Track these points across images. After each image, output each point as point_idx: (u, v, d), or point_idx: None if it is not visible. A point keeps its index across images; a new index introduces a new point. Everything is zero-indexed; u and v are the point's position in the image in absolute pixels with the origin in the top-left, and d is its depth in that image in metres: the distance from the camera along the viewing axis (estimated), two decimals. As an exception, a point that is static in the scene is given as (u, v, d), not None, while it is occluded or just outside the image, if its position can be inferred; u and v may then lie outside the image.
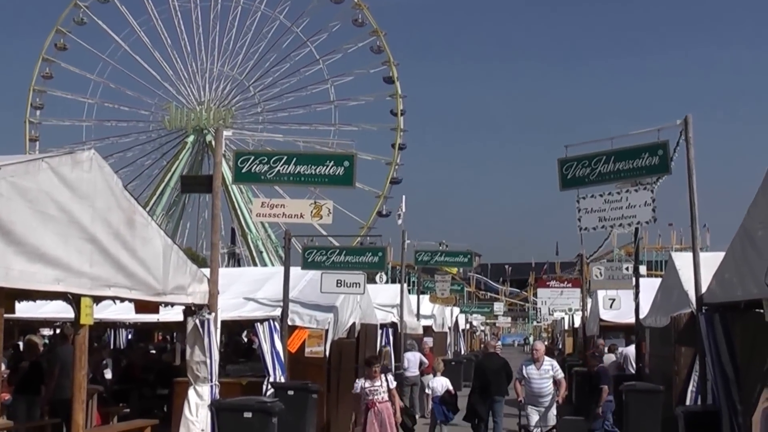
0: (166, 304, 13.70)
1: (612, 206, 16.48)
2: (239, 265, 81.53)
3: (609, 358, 27.82)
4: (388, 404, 16.45)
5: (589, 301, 36.21)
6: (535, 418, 18.61)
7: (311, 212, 17.60)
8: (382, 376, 16.61)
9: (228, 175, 46.41)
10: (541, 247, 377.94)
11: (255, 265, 79.26)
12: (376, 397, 16.32)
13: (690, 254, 15.30)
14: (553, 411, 18.78)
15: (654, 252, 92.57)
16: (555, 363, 19.36)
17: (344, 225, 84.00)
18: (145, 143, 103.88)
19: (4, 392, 14.60)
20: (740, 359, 12.65)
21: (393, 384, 16.80)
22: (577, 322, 41.95)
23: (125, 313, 17.96)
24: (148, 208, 15.74)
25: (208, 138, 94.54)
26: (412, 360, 28.62)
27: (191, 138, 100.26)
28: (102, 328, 26.67)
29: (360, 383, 16.71)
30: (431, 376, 26.39)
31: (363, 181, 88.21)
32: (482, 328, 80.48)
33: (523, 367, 19.06)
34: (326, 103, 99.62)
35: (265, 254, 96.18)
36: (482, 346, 56.92)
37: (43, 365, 17.51)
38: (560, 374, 19.04)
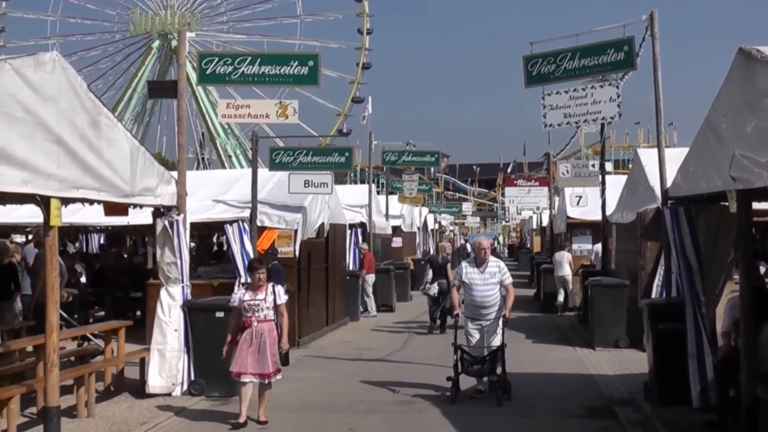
0: (135, 206, 13.68)
1: (577, 102, 16.52)
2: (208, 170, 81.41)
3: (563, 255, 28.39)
4: (272, 325, 12.65)
5: (556, 199, 36.49)
6: (475, 336, 14.61)
7: (277, 112, 17.52)
8: (269, 287, 12.79)
9: (194, 78, 46.05)
10: (509, 148, 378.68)
11: (224, 169, 79.03)
12: (257, 314, 12.51)
13: (656, 150, 15.39)
14: (499, 327, 14.50)
15: (621, 151, 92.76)
16: (503, 265, 14.87)
17: (321, 115, 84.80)
18: (113, 54, 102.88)
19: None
20: (704, 251, 12.89)
21: (282, 298, 12.82)
22: (545, 221, 42.32)
23: (95, 216, 18.02)
24: (116, 114, 15.70)
25: (174, 43, 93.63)
26: None
27: (156, 43, 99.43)
28: (74, 233, 26.74)
29: (238, 295, 12.86)
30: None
31: (334, 68, 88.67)
32: (451, 228, 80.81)
33: (463, 269, 14.83)
34: (293, 17, 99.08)
35: (234, 158, 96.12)
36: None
37: (18, 269, 17.59)
38: (509, 279, 14.72)
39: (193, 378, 14.42)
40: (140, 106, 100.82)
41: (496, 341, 14.40)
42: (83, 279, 22.44)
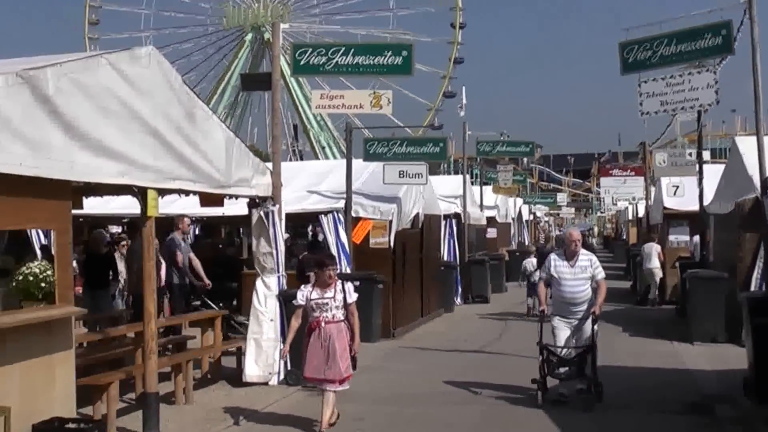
0: (230, 197, 13.81)
1: (674, 89, 16.27)
2: (301, 161, 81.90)
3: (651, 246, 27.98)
4: (342, 326, 11.53)
5: (652, 189, 35.94)
6: (563, 334, 13.58)
7: (371, 102, 17.58)
8: (339, 284, 11.63)
9: (287, 70, 46.38)
10: (603, 137, 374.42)
11: (318, 160, 79.45)
12: (325, 314, 11.44)
13: (754, 138, 15.02)
14: (589, 326, 13.47)
15: (718, 139, 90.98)
16: (594, 258, 13.78)
17: (411, 110, 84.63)
18: (206, 47, 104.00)
19: (76, 285, 14.93)
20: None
21: (353, 297, 11.71)
22: (641, 212, 41.72)
23: (191, 207, 18.26)
24: (209, 106, 15.87)
25: (266, 36, 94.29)
26: None
27: (249, 36, 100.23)
28: (169, 223, 27.09)
29: (305, 292, 11.69)
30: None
31: (426, 63, 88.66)
32: (546, 219, 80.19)
33: (552, 262, 13.79)
34: (385, 10, 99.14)
35: (327, 149, 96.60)
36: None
37: (115, 259, 17.91)
38: (601, 274, 13.64)
39: (289, 368, 14.49)
40: (232, 99, 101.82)
41: (586, 341, 13.41)
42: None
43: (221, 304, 18.70)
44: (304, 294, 11.62)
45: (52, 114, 9.10)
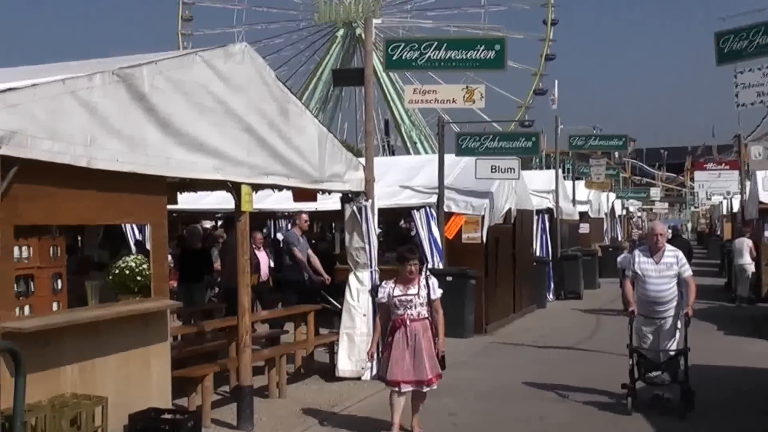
0: (323, 192, 13.89)
1: (772, 80, 15.88)
2: (393, 156, 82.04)
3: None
4: (427, 323, 10.87)
5: (747, 183, 35.23)
6: (649, 335, 12.90)
7: (463, 97, 17.53)
8: (422, 279, 11.02)
9: (379, 66, 46.48)
10: (696, 130, 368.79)
11: (409, 155, 79.52)
12: (409, 311, 10.80)
13: None
14: (678, 327, 12.63)
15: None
16: (681, 255, 12.76)
17: (502, 106, 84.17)
18: (297, 42, 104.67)
19: (171, 279, 15.16)
20: None
21: (437, 293, 11.04)
22: (736, 206, 40.93)
23: (283, 203, 18.42)
24: (302, 102, 16.02)
25: (358, 31, 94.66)
26: None
27: (341, 32, 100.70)
28: (262, 218, 27.35)
29: (387, 289, 11.06)
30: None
31: (517, 60, 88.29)
32: (639, 214, 79.16)
33: (636, 258, 12.93)
34: (477, 7, 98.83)
35: (419, 144, 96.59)
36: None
37: (212, 254, 18.14)
38: (688, 271, 12.68)
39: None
40: (323, 94, 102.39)
41: (675, 344, 12.62)
42: (271, 264, 22.91)
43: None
44: (386, 291, 11.03)
45: (148, 111, 9.26)
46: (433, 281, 11.09)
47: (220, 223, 27.90)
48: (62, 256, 8.86)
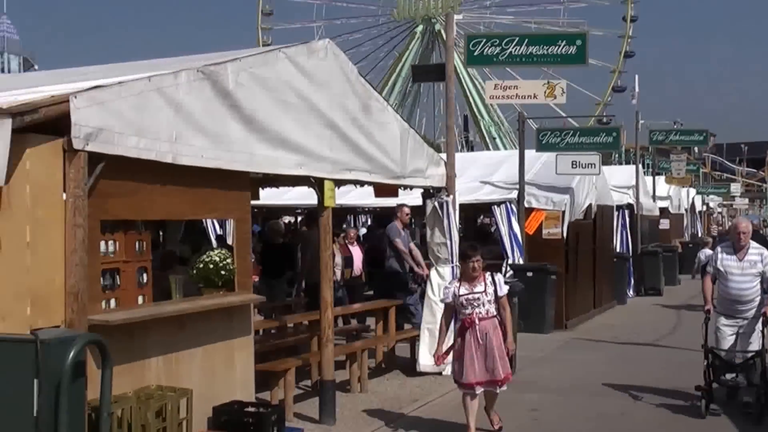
0: (405, 187, 13.92)
1: None
2: (472, 152, 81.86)
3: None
4: (496, 321, 10.58)
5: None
6: (729, 336, 12.34)
7: (544, 92, 17.43)
8: (488, 277, 10.69)
9: (459, 61, 46.39)
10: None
11: (488, 150, 79.30)
12: (477, 309, 10.50)
13: None
14: (759, 328, 12.08)
15: None
16: (766, 252, 12.24)
17: (580, 103, 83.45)
18: (376, 37, 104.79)
19: (253, 274, 15.34)
20: None
21: (504, 289, 10.75)
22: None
23: (364, 198, 18.50)
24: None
25: (437, 27, 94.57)
26: None
27: (420, 28, 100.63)
28: (343, 214, 27.51)
29: (452, 289, 10.75)
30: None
31: (595, 57, 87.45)
32: (719, 210, 77.94)
33: (718, 255, 12.50)
34: (556, 3, 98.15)
35: (498, 140, 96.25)
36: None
37: (293, 249, 18.24)
38: None
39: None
40: (403, 90, 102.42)
41: (755, 346, 12.05)
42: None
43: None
44: (450, 291, 10.69)
45: (232, 108, 9.35)
46: (499, 278, 10.78)
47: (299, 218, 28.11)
48: (147, 251, 8.97)
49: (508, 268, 19.33)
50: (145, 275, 8.84)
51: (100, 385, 6.43)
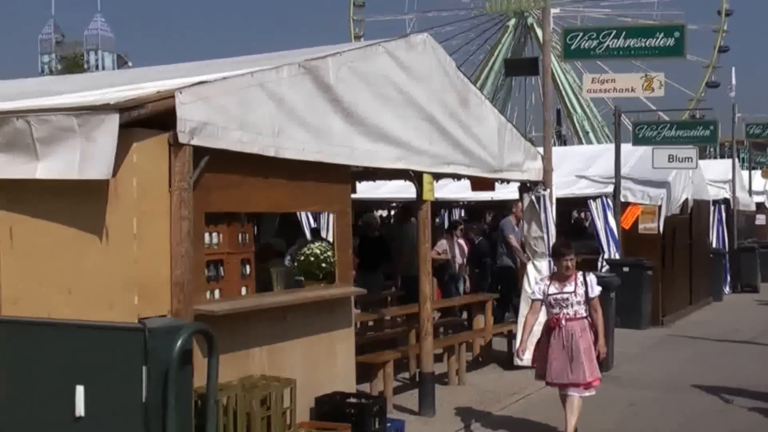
0: (502, 181, 13.92)
1: None
2: (565, 146, 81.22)
3: None
4: (585, 323, 10.16)
5: None
6: None
7: (642, 85, 17.29)
8: (579, 277, 10.28)
9: (552, 55, 45.98)
10: None
11: (581, 144, 78.60)
12: (565, 310, 10.13)
13: None
14: None
15: None
16: None
17: (670, 99, 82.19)
18: (467, 31, 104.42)
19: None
20: None
21: (596, 290, 10.28)
22: None
23: (459, 192, 18.50)
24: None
25: (530, 20, 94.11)
26: None
27: (512, 22, 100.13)
28: (436, 208, 27.51)
29: (542, 286, 10.46)
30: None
31: (689, 52, 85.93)
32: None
33: None
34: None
35: (591, 134, 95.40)
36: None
37: (389, 243, 18.29)
38: None
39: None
40: (495, 84, 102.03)
41: None
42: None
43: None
44: (540, 287, 10.40)
45: (332, 102, 9.43)
46: (591, 278, 10.30)
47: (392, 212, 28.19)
48: (250, 243, 9.08)
49: (604, 263, 19.20)
50: (248, 267, 8.96)
51: (206, 373, 6.55)
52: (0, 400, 6.50)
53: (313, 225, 21.21)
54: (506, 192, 16.24)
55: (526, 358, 10.74)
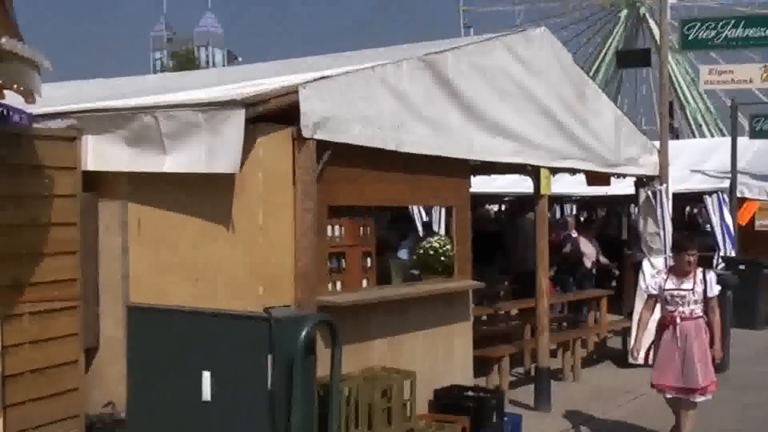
0: (618, 176, 13.82)
1: None
2: (677, 139, 79.74)
3: None
4: (700, 323, 9.50)
5: None
6: None
7: (761, 76, 16.97)
8: (698, 274, 9.59)
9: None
10: None
11: (694, 138, 77.16)
12: (681, 308, 9.48)
13: None
14: None
15: None
16: None
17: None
18: (577, 22, 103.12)
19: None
20: None
21: (715, 290, 9.61)
22: None
23: (572, 187, 18.38)
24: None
25: (642, 11, 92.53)
26: None
27: (624, 12, 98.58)
28: (549, 203, 27.33)
29: (659, 280, 9.79)
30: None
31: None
32: None
33: None
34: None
35: (704, 127, 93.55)
36: None
37: (503, 237, 18.27)
38: None
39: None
40: (606, 76, 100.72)
41: None
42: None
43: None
44: (657, 281, 9.76)
45: (451, 96, 9.49)
46: (711, 276, 9.64)
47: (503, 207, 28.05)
48: (371, 236, 9.18)
49: (720, 261, 18.85)
50: (368, 259, 9.07)
51: (329, 363, 6.64)
52: (131, 382, 6.70)
53: (425, 219, 21.26)
54: (622, 187, 16.05)
55: (641, 356, 10.51)
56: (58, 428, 7.83)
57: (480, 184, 17.21)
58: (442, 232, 16.94)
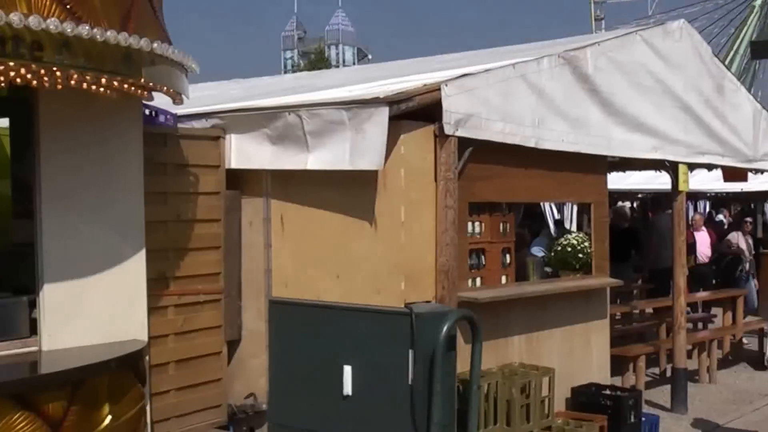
0: (756, 171, 13.50)
1: None
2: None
3: None
4: None
5: None
6: None
7: None
8: None
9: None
10: None
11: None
12: None
13: None
14: None
15: None
16: None
17: None
18: (711, 11, 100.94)
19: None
20: None
21: None
22: None
23: (707, 182, 18.05)
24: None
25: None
26: None
27: (759, 1, 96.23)
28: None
29: None
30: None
31: None
32: None
33: None
34: None
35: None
36: None
37: (638, 234, 18.04)
38: None
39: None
40: (740, 67, 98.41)
41: None
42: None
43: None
44: None
45: (590, 92, 9.43)
46: None
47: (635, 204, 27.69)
48: (511, 232, 9.20)
49: None
50: (508, 256, 9.09)
51: (470, 359, 6.67)
52: (273, 375, 6.86)
53: (556, 216, 21.15)
54: (759, 183, 15.73)
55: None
56: (201, 417, 8.09)
57: (614, 180, 17.05)
58: (574, 229, 16.87)
